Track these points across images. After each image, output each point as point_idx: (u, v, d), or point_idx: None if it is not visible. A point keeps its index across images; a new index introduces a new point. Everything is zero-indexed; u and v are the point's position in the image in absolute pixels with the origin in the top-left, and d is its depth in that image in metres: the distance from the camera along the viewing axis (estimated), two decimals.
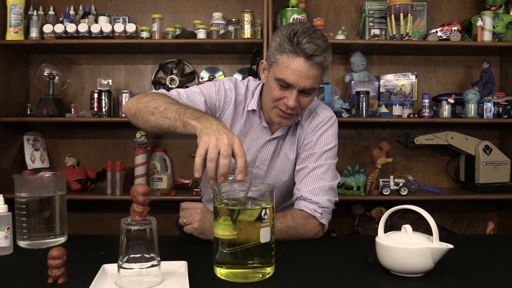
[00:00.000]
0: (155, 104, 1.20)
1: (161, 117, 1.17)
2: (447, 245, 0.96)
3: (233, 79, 1.49)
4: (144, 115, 1.22)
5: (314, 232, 1.35)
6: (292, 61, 1.27)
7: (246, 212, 0.97)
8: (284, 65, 1.28)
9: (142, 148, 2.43)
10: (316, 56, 1.26)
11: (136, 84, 2.63)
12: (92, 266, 0.99)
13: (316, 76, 1.29)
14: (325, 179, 1.40)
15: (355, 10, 2.61)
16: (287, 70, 1.27)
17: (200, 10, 2.61)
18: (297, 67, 1.26)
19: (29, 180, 1.23)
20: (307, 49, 1.24)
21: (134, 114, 1.25)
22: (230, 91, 1.45)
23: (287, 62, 1.27)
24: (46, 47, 2.45)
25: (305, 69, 1.27)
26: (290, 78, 1.28)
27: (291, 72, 1.27)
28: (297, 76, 1.27)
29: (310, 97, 1.34)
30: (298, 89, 1.29)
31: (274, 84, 1.32)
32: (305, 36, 1.25)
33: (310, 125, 1.46)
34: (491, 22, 2.38)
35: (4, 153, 2.39)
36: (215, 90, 1.43)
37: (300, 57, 1.26)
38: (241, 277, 0.96)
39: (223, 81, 1.47)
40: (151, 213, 0.96)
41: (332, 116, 1.48)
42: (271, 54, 1.33)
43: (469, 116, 2.38)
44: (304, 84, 1.28)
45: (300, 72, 1.27)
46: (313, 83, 1.30)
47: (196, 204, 1.28)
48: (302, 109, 1.37)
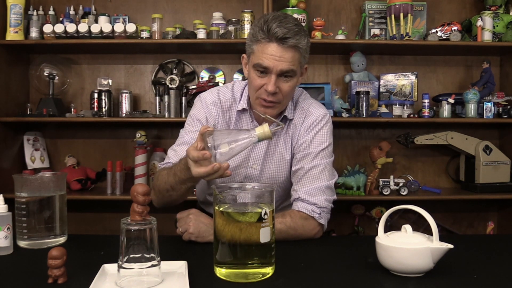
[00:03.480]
0: (165, 186, 1.36)
1: (175, 190, 1.34)
2: (447, 245, 0.96)
3: (215, 90, 1.52)
4: (166, 198, 1.40)
5: (314, 233, 1.35)
6: (266, 47, 1.31)
7: (247, 214, 0.97)
8: (259, 51, 1.32)
9: (142, 148, 2.43)
10: (288, 38, 1.29)
11: (136, 84, 2.64)
12: (92, 266, 0.99)
13: (292, 58, 1.31)
14: (322, 178, 1.40)
15: (355, 10, 2.61)
16: (262, 55, 1.31)
17: (200, 10, 2.61)
18: (271, 51, 1.30)
19: (29, 180, 1.23)
20: (278, 33, 1.28)
21: (159, 203, 1.45)
22: (214, 104, 1.47)
23: (262, 49, 1.32)
24: (46, 47, 2.45)
25: (279, 52, 1.30)
26: (265, 62, 1.31)
27: (266, 56, 1.31)
28: (272, 60, 1.30)
29: (290, 82, 1.35)
30: (276, 73, 1.32)
31: (253, 73, 1.36)
32: (275, 21, 1.30)
33: (303, 125, 1.46)
34: (491, 22, 2.38)
35: (4, 153, 2.39)
36: (200, 115, 1.47)
37: (273, 42, 1.30)
38: (241, 277, 0.96)
39: (205, 97, 1.50)
40: (151, 213, 0.96)
41: (326, 114, 1.48)
42: (248, 46, 1.37)
43: (469, 116, 2.38)
44: (280, 67, 1.31)
45: (275, 56, 1.30)
46: (290, 65, 1.32)
47: (188, 211, 1.30)
48: (284, 96, 1.37)
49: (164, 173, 1.36)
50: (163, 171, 1.39)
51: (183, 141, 1.46)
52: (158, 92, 2.53)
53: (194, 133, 1.45)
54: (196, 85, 2.51)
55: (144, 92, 2.64)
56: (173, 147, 1.48)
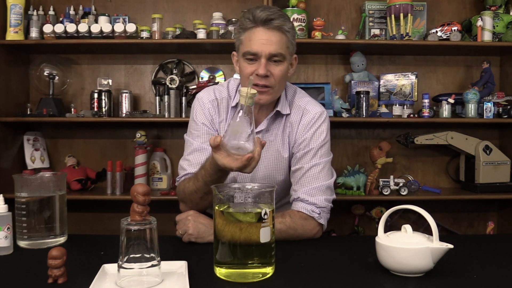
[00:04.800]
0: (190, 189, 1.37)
1: (201, 195, 1.35)
2: (447, 245, 0.96)
3: (211, 88, 1.53)
4: (194, 201, 1.39)
5: (313, 233, 1.35)
6: (253, 33, 1.34)
7: (247, 214, 0.97)
8: (247, 39, 1.35)
9: (142, 148, 2.43)
10: (272, 20, 1.32)
11: (136, 84, 2.64)
12: (92, 266, 0.99)
13: (279, 41, 1.34)
14: (321, 178, 1.40)
15: (355, 10, 2.61)
16: (250, 41, 1.34)
17: (200, 10, 2.60)
18: (258, 36, 1.33)
19: (29, 180, 1.23)
20: (262, 16, 1.32)
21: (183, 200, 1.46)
22: (211, 103, 1.48)
23: (249, 36, 1.35)
24: (46, 47, 2.45)
25: (266, 36, 1.33)
26: (254, 48, 1.33)
27: (254, 42, 1.33)
28: (260, 44, 1.33)
29: (281, 66, 1.37)
30: (265, 57, 1.33)
31: (243, 62, 1.38)
32: (260, 8, 1.35)
33: (301, 123, 1.46)
34: (491, 22, 2.38)
35: (4, 153, 2.39)
36: (203, 117, 1.47)
37: (258, 27, 1.33)
38: (241, 277, 0.96)
39: (201, 97, 1.50)
40: (151, 213, 0.96)
41: (323, 112, 1.48)
42: (236, 39, 1.41)
43: (469, 116, 2.38)
44: (269, 50, 1.33)
45: (262, 40, 1.33)
46: (278, 48, 1.34)
47: (187, 212, 1.30)
48: (276, 81, 1.37)
49: (190, 183, 1.35)
50: (187, 181, 1.38)
51: (193, 149, 1.45)
52: (158, 92, 2.53)
53: (202, 137, 1.45)
54: (196, 85, 2.51)
55: (144, 92, 2.64)
56: (185, 157, 1.47)
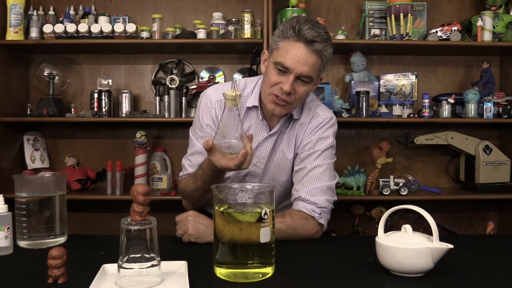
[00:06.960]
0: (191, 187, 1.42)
1: (200, 193, 1.40)
2: (447, 245, 0.96)
3: (219, 87, 1.50)
4: (195, 198, 1.45)
5: (313, 232, 1.35)
6: (293, 46, 1.30)
7: (247, 214, 0.97)
8: (284, 49, 1.31)
9: (142, 148, 2.43)
10: (316, 42, 1.29)
11: (136, 84, 2.63)
12: (92, 266, 0.99)
13: (314, 64, 1.31)
14: (323, 179, 1.40)
15: (355, 10, 2.61)
16: (287, 54, 1.30)
17: (200, 10, 2.60)
18: (296, 51, 1.29)
19: (29, 180, 1.23)
20: (308, 34, 1.28)
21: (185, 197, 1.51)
22: (219, 103, 1.45)
23: (287, 47, 1.31)
24: (46, 47, 2.45)
25: (304, 55, 1.29)
26: (288, 62, 1.30)
27: (290, 56, 1.30)
28: (295, 61, 1.30)
29: (306, 86, 1.35)
30: (295, 75, 1.31)
31: (272, 69, 1.34)
32: (308, 23, 1.29)
33: (310, 125, 1.47)
34: (491, 22, 2.38)
35: (4, 153, 2.39)
36: (208, 117, 1.46)
37: (300, 43, 1.29)
38: (241, 277, 0.96)
39: (209, 95, 1.47)
40: (151, 213, 0.96)
41: (332, 117, 1.50)
42: (273, 41, 1.36)
43: (469, 116, 2.38)
44: (301, 70, 1.30)
45: (299, 57, 1.29)
46: (310, 71, 1.32)
47: (187, 213, 1.30)
48: (297, 99, 1.37)
49: (190, 182, 1.40)
50: (187, 180, 1.43)
51: (195, 150, 1.46)
52: (158, 92, 2.53)
53: (205, 138, 1.43)
54: (196, 85, 2.51)
55: (144, 92, 2.64)
56: (187, 157, 1.49)
